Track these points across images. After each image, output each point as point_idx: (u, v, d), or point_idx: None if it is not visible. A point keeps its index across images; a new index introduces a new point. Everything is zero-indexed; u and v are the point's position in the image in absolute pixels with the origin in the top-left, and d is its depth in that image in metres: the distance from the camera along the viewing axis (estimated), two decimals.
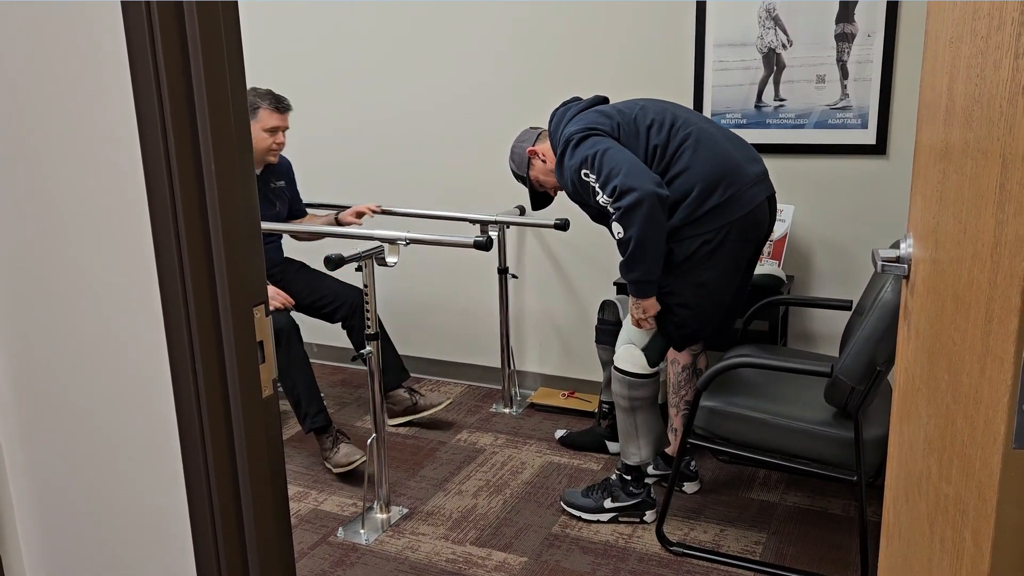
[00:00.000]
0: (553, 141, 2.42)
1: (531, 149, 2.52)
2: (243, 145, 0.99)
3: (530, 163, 2.54)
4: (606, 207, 2.20)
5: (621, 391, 2.41)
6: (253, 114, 2.82)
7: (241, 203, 0.98)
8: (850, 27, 2.72)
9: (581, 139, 2.26)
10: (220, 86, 0.94)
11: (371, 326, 2.45)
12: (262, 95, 2.82)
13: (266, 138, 2.84)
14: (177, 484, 1.04)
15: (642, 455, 2.44)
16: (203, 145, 0.93)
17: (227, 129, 0.95)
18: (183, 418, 1.00)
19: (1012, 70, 0.79)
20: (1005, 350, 0.75)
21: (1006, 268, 0.77)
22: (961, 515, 0.90)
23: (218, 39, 0.93)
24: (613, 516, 2.49)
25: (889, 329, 1.96)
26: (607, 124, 2.28)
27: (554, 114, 2.45)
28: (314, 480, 2.82)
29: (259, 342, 1.04)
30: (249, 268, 1.01)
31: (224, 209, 0.95)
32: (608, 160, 2.18)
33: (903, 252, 1.40)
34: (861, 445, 2.05)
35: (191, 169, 0.94)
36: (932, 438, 1.10)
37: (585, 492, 2.54)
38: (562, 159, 2.31)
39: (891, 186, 2.80)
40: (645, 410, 2.42)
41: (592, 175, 2.21)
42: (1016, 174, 0.76)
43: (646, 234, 2.14)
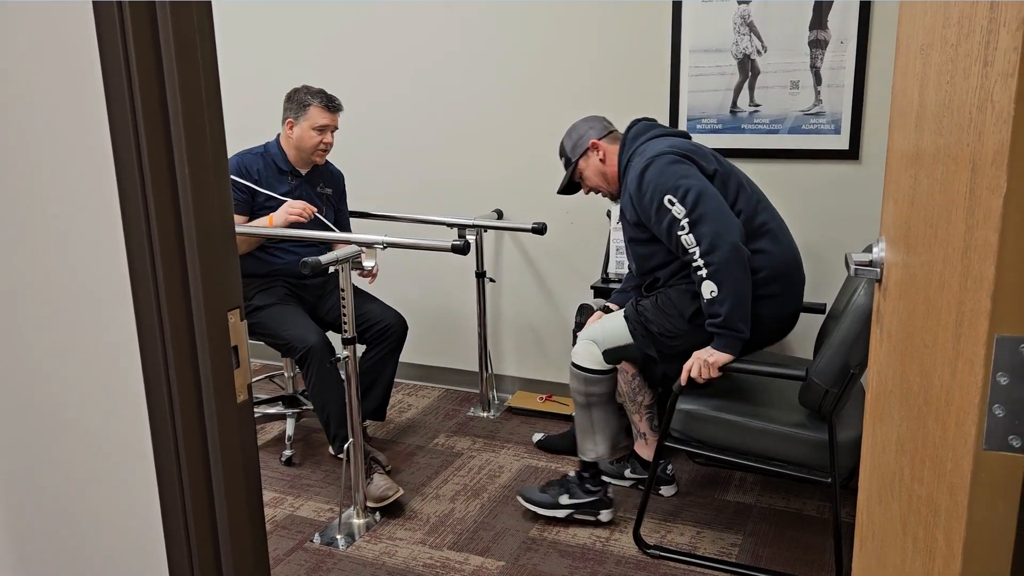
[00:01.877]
0: (625, 150, 2.34)
1: (595, 142, 2.41)
2: (218, 147, 0.98)
3: (586, 153, 2.43)
4: (688, 251, 2.14)
5: (577, 387, 2.42)
6: (303, 111, 2.79)
7: (216, 206, 0.97)
8: (823, 34, 2.76)
9: (676, 161, 2.17)
10: (194, 87, 0.93)
11: (348, 330, 2.43)
12: (313, 93, 2.80)
13: (314, 136, 2.81)
14: (150, 490, 1.03)
15: (599, 451, 2.45)
16: (176, 148, 0.92)
17: (201, 131, 0.94)
18: (156, 424, 0.99)
19: (981, 77, 0.80)
20: (975, 353, 0.76)
21: (976, 272, 0.78)
22: (933, 516, 0.91)
23: (192, 39, 0.92)
24: (569, 512, 2.50)
25: (862, 332, 1.99)
26: (709, 164, 2.22)
27: (635, 124, 2.37)
28: (290, 485, 2.80)
29: (234, 347, 1.03)
30: (224, 272, 1.00)
31: (198, 212, 0.94)
32: (704, 202, 2.11)
33: (876, 256, 1.41)
34: (835, 447, 2.07)
35: (164, 172, 0.93)
36: (904, 440, 1.11)
37: (543, 488, 2.54)
38: (644, 172, 2.19)
39: (864, 191, 2.83)
40: (602, 406, 2.43)
41: (679, 206, 2.13)
42: (985, 180, 0.77)
43: (741, 291, 2.12)
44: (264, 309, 2.77)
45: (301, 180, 2.92)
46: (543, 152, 3.26)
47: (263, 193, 2.82)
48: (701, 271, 2.14)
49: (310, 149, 2.84)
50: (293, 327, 2.68)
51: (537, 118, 3.24)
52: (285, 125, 2.85)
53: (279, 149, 2.89)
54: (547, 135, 3.24)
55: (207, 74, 0.95)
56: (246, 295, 2.83)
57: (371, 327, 2.89)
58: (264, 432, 3.23)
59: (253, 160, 2.85)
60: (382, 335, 2.90)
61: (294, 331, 2.66)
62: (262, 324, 2.75)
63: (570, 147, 2.45)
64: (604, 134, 2.42)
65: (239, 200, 2.81)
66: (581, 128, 2.44)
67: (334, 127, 2.85)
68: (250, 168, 2.83)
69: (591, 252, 3.28)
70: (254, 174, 2.83)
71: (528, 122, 3.26)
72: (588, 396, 2.42)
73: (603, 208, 3.21)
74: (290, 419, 3.13)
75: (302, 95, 2.81)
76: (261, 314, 2.76)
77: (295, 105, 2.82)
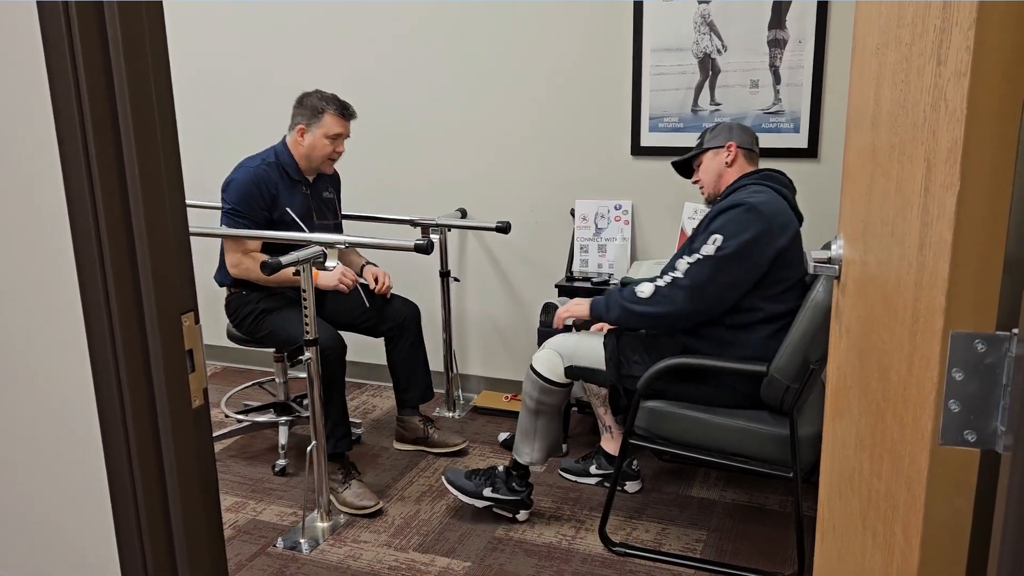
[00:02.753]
0: (750, 175, 2.29)
1: (732, 144, 2.34)
2: (169, 147, 0.95)
3: (719, 149, 2.35)
4: (674, 268, 2.17)
5: (531, 391, 2.42)
6: (317, 118, 2.66)
7: (167, 207, 0.95)
8: (782, 33, 2.79)
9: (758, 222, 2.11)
10: (144, 87, 0.90)
11: (309, 332, 2.40)
12: (328, 99, 2.67)
13: (327, 145, 2.69)
14: (102, 501, 1.00)
15: (534, 456, 2.45)
16: (126, 149, 0.89)
17: (151, 131, 0.91)
18: (108, 431, 0.96)
19: (934, 76, 0.81)
20: (931, 348, 0.77)
21: (931, 269, 0.79)
22: (892, 510, 0.92)
23: (141, 40, 0.89)
24: (488, 505, 2.51)
25: (821, 328, 2.01)
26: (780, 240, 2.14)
27: (780, 173, 2.33)
28: (252, 489, 2.75)
29: (188, 351, 1.00)
30: (177, 274, 0.97)
31: (149, 213, 0.92)
32: (724, 268, 2.10)
33: (834, 253, 1.43)
34: (796, 442, 2.10)
35: (113, 174, 0.90)
36: (863, 435, 1.12)
37: (469, 475, 2.54)
38: (736, 208, 2.14)
39: (822, 189, 2.87)
40: (548, 416, 2.43)
41: (711, 248, 2.12)
42: (939, 178, 0.78)
43: (643, 322, 2.21)
44: (272, 313, 2.70)
45: (310, 188, 2.81)
46: (506, 151, 3.25)
47: (281, 210, 2.70)
48: (660, 282, 2.18)
49: (321, 158, 2.72)
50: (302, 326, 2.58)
51: (500, 117, 3.23)
52: (295, 131, 2.70)
53: (289, 157, 2.74)
54: (509, 134, 3.23)
55: (158, 74, 0.93)
56: (251, 301, 2.74)
57: (387, 321, 2.86)
58: (258, 440, 3.18)
59: (268, 173, 2.68)
60: (402, 328, 2.87)
61: (299, 333, 2.58)
62: (270, 326, 2.68)
63: (711, 135, 2.39)
64: (746, 147, 2.36)
65: (259, 221, 2.67)
66: (732, 128, 2.38)
67: (347, 135, 2.73)
68: (268, 184, 2.67)
69: (555, 251, 3.28)
70: (272, 189, 2.68)
71: (491, 121, 3.25)
72: (539, 403, 2.41)
73: (566, 206, 3.21)
74: (283, 427, 3.01)
75: (315, 100, 2.67)
76: (269, 317, 2.69)
77: (308, 111, 2.68)
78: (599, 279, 3.01)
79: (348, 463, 2.65)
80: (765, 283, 2.16)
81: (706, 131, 2.41)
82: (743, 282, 2.14)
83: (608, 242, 3.12)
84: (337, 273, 2.66)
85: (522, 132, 3.22)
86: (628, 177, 3.10)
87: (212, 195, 3.81)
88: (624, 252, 3.10)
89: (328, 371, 2.55)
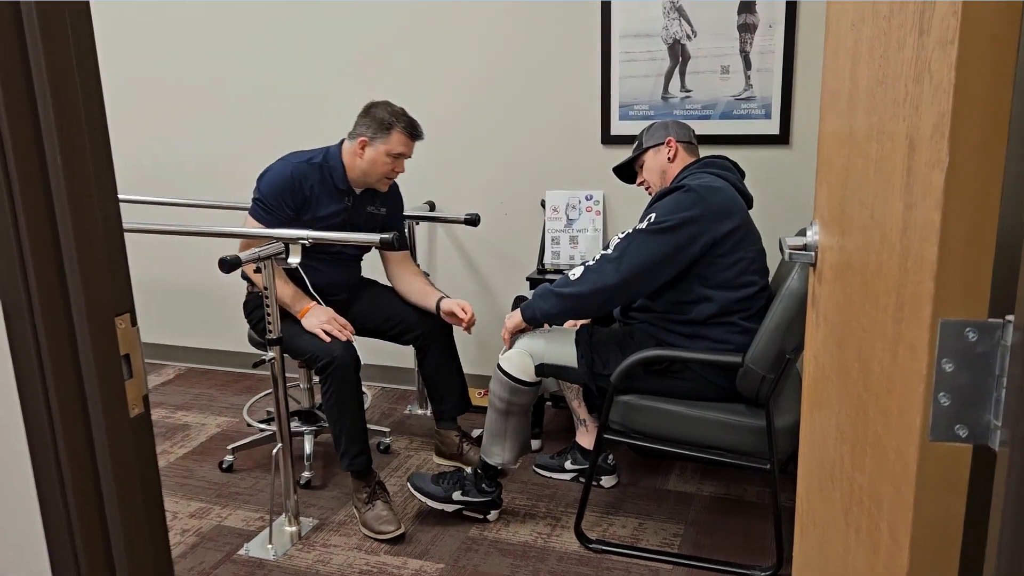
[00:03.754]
0: (692, 167, 2.26)
1: (672, 140, 2.32)
2: (98, 139, 0.88)
3: (659, 146, 2.33)
4: (607, 246, 2.16)
5: (500, 392, 2.35)
6: (384, 133, 2.47)
7: (97, 203, 0.87)
8: (752, 17, 2.75)
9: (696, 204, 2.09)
10: (68, 87, 0.83)
11: (272, 331, 2.32)
12: (398, 115, 2.49)
13: (387, 163, 2.50)
14: (32, 523, 0.92)
15: (505, 457, 2.40)
16: (48, 147, 0.82)
17: (77, 124, 0.84)
18: (36, 448, 0.88)
19: (916, 48, 0.76)
20: (918, 338, 0.72)
21: (916, 252, 0.74)
22: (876, 507, 0.87)
23: (64, 42, 0.82)
24: (458, 509, 2.45)
25: (797, 317, 1.98)
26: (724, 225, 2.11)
27: (722, 158, 2.29)
28: (217, 494, 2.67)
29: (124, 355, 0.93)
30: (109, 273, 0.90)
31: (75, 211, 0.84)
32: (652, 245, 2.08)
33: (810, 240, 1.38)
34: (773, 434, 2.06)
35: (34, 168, 0.83)
36: (844, 427, 1.08)
37: (435, 479, 2.48)
38: (673, 189, 2.14)
39: (795, 175, 2.84)
40: (518, 416, 2.38)
41: (644, 224, 2.10)
42: (923, 156, 0.73)
43: (577, 306, 2.16)
44: (284, 319, 2.49)
45: (355, 200, 2.61)
46: (474, 142, 3.18)
47: (311, 215, 2.53)
48: (590, 261, 2.16)
49: (378, 176, 2.53)
50: (318, 337, 2.43)
51: (467, 108, 3.16)
52: (356, 142, 2.50)
53: (339, 164, 2.54)
54: (477, 125, 3.16)
55: (83, 66, 0.85)
56: (262, 307, 2.52)
57: (413, 328, 2.69)
58: (188, 439, 3.08)
59: (309, 172, 2.50)
60: (430, 336, 2.70)
61: (319, 341, 2.42)
62: (285, 335, 2.48)
63: (647, 135, 2.37)
64: (685, 140, 2.34)
65: (282, 219, 2.49)
66: (668, 124, 2.36)
67: (409, 156, 2.55)
68: (304, 183, 2.49)
69: (526, 243, 3.22)
70: (306, 190, 2.50)
71: (458, 112, 3.17)
72: (509, 404, 2.35)
73: (536, 197, 3.15)
74: (308, 436, 2.86)
75: (385, 114, 2.48)
76: (285, 323, 2.49)
77: (375, 124, 2.48)
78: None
79: (375, 482, 2.48)
80: (716, 269, 2.12)
81: (642, 133, 2.40)
82: (675, 258, 2.09)
83: (580, 233, 3.07)
84: (322, 316, 2.46)
85: (490, 122, 3.15)
86: (599, 167, 3.05)
87: (233, 194, 3.71)
88: (596, 243, 3.04)
89: (338, 386, 2.39)
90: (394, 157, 2.51)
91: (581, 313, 2.18)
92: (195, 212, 3.58)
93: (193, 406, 3.40)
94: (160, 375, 3.78)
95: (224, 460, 2.84)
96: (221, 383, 3.66)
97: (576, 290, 2.14)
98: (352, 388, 2.41)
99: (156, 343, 3.92)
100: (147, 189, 3.69)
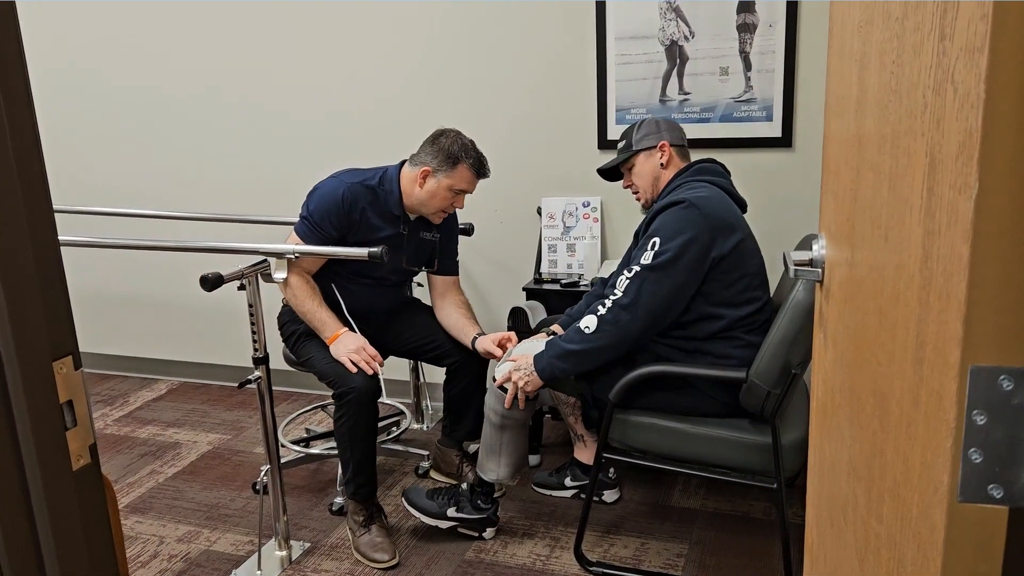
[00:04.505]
0: (685, 173, 2.15)
1: (665, 144, 2.19)
2: (28, 155, 0.79)
3: (652, 149, 2.21)
4: (613, 289, 2.02)
5: (495, 406, 2.26)
6: (449, 166, 2.32)
7: (27, 229, 0.79)
8: (751, 17, 2.66)
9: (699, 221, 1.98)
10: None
11: (259, 349, 2.24)
12: (467, 149, 2.33)
13: (447, 197, 2.35)
14: None
15: (500, 473, 2.31)
16: None
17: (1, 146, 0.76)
18: None
19: (937, 55, 0.67)
20: (945, 386, 0.64)
21: (940, 287, 0.65)
22: (898, 564, 0.79)
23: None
24: (453, 525, 2.37)
25: (802, 330, 1.89)
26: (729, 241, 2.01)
27: (711, 161, 2.18)
28: (206, 517, 2.59)
29: (66, 402, 0.84)
30: (47, 314, 0.81)
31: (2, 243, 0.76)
32: (665, 277, 1.96)
33: (816, 254, 1.30)
34: (780, 451, 1.97)
35: None
36: (857, 464, 0.99)
37: (430, 494, 2.39)
38: (674, 207, 2.01)
39: (798, 179, 2.75)
40: (514, 430, 2.29)
41: (650, 254, 1.98)
42: (947, 177, 0.64)
43: (595, 357, 2.04)
44: (315, 337, 2.39)
45: (410, 227, 2.47)
46: None
47: (360, 239, 2.39)
48: (601, 309, 2.02)
49: (436, 208, 2.38)
50: (338, 362, 2.30)
51: (459, 114, 3.08)
52: (418, 170, 2.35)
53: (396, 188, 2.40)
54: (469, 131, 3.08)
55: (8, 79, 0.77)
56: (297, 319, 2.41)
57: (453, 355, 2.55)
58: (179, 458, 3.00)
59: (362, 195, 2.36)
60: (466, 365, 2.56)
61: (340, 367, 2.28)
62: (308, 353, 2.38)
63: (638, 136, 2.22)
64: (678, 144, 2.22)
65: (324, 239, 2.35)
66: (660, 125, 2.22)
67: (471, 192, 2.41)
68: (355, 205, 2.34)
69: (522, 252, 3.14)
70: (356, 213, 2.35)
71: (450, 119, 3.09)
72: (504, 418, 2.27)
73: (532, 205, 3.07)
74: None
75: (453, 146, 2.32)
76: (310, 342, 2.39)
77: (441, 155, 2.33)
78: (568, 280, 2.87)
79: (373, 506, 2.38)
80: (720, 286, 2.03)
81: (630, 130, 2.25)
82: (689, 283, 2.00)
83: (577, 241, 2.98)
84: (351, 344, 2.31)
85: (483, 129, 3.06)
86: (596, 173, 2.96)
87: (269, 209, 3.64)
88: (594, 251, 2.96)
89: (353, 415, 2.25)
90: (456, 192, 2.36)
91: (605, 362, 2.07)
92: (189, 225, 3.51)
93: (185, 423, 3.32)
94: (152, 390, 3.70)
95: (256, 482, 2.75)
96: (214, 398, 3.58)
97: (595, 344, 2.01)
98: (366, 418, 2.28)
99: (148, 357, 3.84)
100: (138, 201, 3.61)
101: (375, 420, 2.32)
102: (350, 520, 2.38)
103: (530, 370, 2.13)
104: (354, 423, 2.26)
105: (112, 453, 3.05)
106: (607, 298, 2.03)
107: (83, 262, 3.80)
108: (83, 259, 3.80)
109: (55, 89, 3.61)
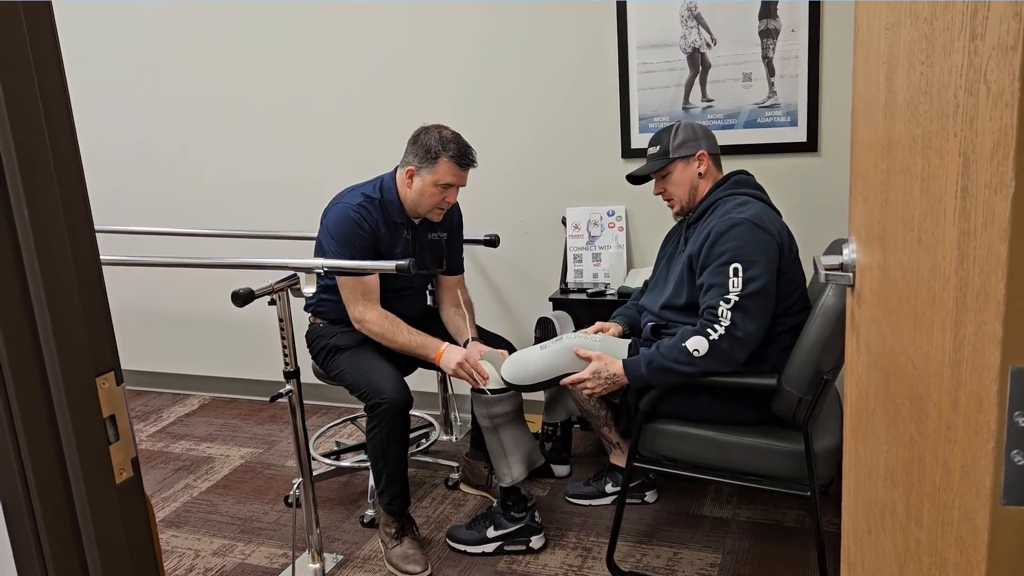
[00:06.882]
0: (722, 185, 2.14)
1: (703, 153, 2.17)
2: (70, 178, 0.81)
3: (689, 158, 2.17)
4: (717, 317, 1.96)
5: (480, 410, 2.29)
6: (430, 162, 2.32)
7: (70, 246, 0.81)
8: (773, 23, 2.65)
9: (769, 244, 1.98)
10: (28, 104, 0.77)
11: (289, 363, 2.26)
12: (446, 141, 2.32)
13: (435, 193, 2.35)
14: None
15: (514, 474, 2.31)
16: (11, 185, 0.76)
17: (43, 160, 0.78)
18: (12, 523, 0.82)
19: (968, 54, 0.67)
20: (984, 386, 0.63)
21: (977, 288, 0.65)
22: (940, 570, 0.78)
23: (23, 48, 0.76)
24: (498, 545, 2.36)
25: (833, 335, 1.87)
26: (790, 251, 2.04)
27: (743, 172, 2.18)
28: (240, 530, 2.61)
29: (109, 417, 0.86)
30: (89, 331, 0.83)
31: (44, 260, 0.78)
32: (757, 297, 1.95)
33: (846, 259, 1.29)
34: (812, 458, 1.95)
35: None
36: (895, 470, 0.98)
37: (469, 524, 2.41)
38: (737, 226, 1.98)
39: (825, 184, 2.73)
40: (509, 426, 2.30)
41: (737, 282, 1.95)
42: (982, 177, 0.64)
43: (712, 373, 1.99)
44: (344, 351, 2.41)
45: (415, 231, 2.49)
46: (490, 161, 3.12)
47: (379, 249, 2.42)
48: (711, 332, 1.96)
49: (428, 206, 2.38)
50: (371, 374, 2.30)
51: (481, 125, 3.10)
52: (404, 171, 2.38)
53: (395, 195, 2.42)
54: (492, 142, 3.09)
55: (49, 88, 0.79)
56: (325, 336, 2.46)
57: None
58: (212, 472, 3.04)
59: (368, 212, 2.37)
60: None
61: (372, 378, 2.29)
62: (339, 367, 2.40)
63: (675, 143, 2.18)
64: (714, 153, 2.20)
65: (362, 250, 2.37)
66: (696, 131, 2.19)
67: (461, 185, 2.40)
68: (368, 221, 2.37)
69: (548, 262, 3.14)
70: (370, 231, 2.38)
71: (473, 130, 3.11)
72: (493, 418, 2.28)
73: (557, 215, 3.07)
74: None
75: (432, 141, 2.32)
76: (340, 357, 2.41)
77: (421, 152, 2.34)
78: (595, 290, 2.87)
79: (405, 519, 2.39)
80: (780, 298, 2.03)
81: (664, 135, 2.20)
82: (773, 304, 2.01)
83: (603, 250, 2.98)
84: (457, 356, 2.31)
85: (506, 139, 3.08)
86: (620, 181, 2.96)
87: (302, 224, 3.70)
88: (620, 260, 2.96)
89: (386, 426, 2.26)
90: (442, 187, 2.35)
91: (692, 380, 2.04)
92: (214, 242, 3.56)
93: (217, 437, 3.36)
94: (185, 405, 3.75)
95: (288, 495, 2.79)
96: (245, 412, 3.62)
97: (703, 369, 1.97)
98: (399, 428, 2.29)
99: (181, 373, 3.90)
100: (174, 220, 3.67)
101: (407, 431, 2.32)
102: (382, 532, 2.39)
103: (614, 379, 2.07)
104: (386, 435, 2.27)
105: (147, 468, 3.09)
106: (716, 324, 1.96)
107: (111, 280, 3.87)
108: (111, 278, 3.86)
109: (90, 109, 3.68)
